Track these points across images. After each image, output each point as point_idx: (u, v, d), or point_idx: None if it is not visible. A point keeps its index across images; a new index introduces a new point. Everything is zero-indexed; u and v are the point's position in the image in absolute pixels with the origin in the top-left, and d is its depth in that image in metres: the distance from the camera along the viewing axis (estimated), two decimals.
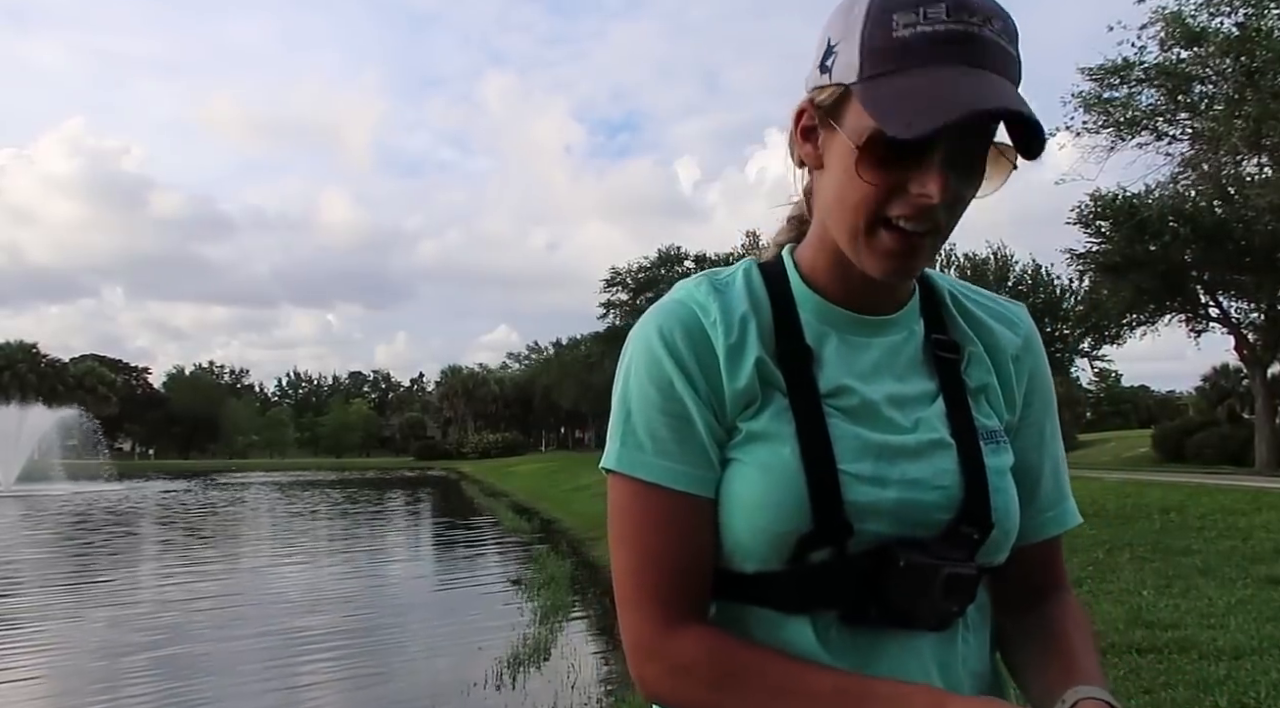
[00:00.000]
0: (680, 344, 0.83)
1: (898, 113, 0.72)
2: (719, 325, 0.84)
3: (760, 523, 0.81)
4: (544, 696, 5.85)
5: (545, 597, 9.22)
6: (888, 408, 0.85)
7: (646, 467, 0.82)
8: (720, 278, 0.89)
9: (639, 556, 0.83)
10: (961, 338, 0.91)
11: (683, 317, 0.85)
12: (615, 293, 53.50)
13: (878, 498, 0.81)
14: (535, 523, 18.47)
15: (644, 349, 0.85)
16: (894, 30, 0.74)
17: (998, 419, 0.90)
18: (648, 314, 0.87)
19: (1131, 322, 26.91)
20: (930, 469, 0.84)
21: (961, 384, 0.89)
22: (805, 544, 0.80)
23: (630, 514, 0.84)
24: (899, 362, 0.88)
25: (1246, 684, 4.23)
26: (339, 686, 6.35)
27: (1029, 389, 0.93)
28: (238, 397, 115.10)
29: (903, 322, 0.89)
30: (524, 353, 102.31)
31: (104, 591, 10.47)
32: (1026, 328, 0.94)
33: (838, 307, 0.88)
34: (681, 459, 0.82)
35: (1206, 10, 19.17)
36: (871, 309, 0.88)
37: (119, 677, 6.51)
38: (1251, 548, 8.52)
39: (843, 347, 0.87)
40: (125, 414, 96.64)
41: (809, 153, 0.84)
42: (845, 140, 0.78)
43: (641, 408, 0.83)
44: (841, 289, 0.87)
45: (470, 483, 38.75)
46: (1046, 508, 0.93)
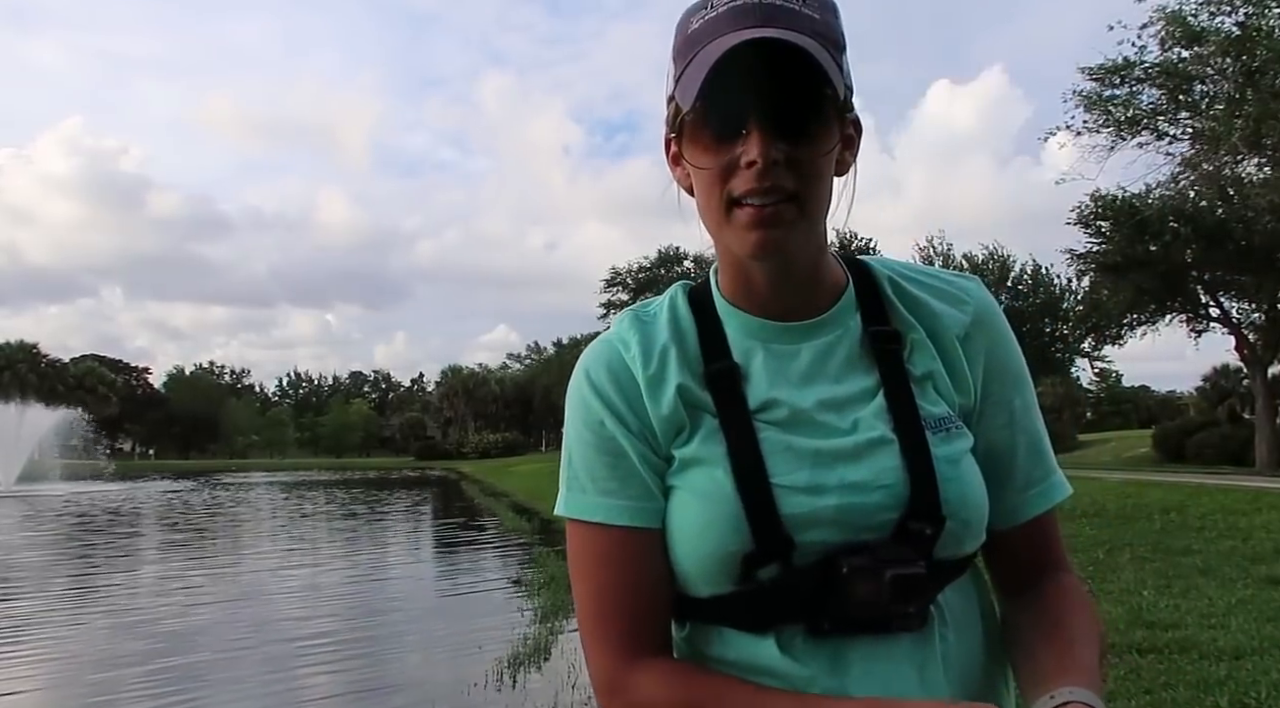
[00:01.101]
0: (605, 383, 0.85)
1: (687, 89, 0.76)
2: (638, 359, 0.85)
3: (702, 548, 0.81)
4: (544, 696, 5.84)
5: (545, 597, 9.21)
6: (821, 413, 0.84)
7: (589, 507, 0.84)
8: (648, 309, 0.91)
9: (595, 594, 0.85)
10: (902, 325, 0.88)
11: (606, 356, 0.87)
12: (615, 293, 53.53)
13: (816, 507, 0.80)
14: (535, 523, 18.47)
15: (575, 393, 0.88)
16: (689, 28, 0.80)
17: (947, 405, 0.86)
18: (580, 360, 0.90)
19: (1132, 322, 26.92)
20: (871, 470, 0.81)
21: (904, 374, 0.86)
22: (751, 563, 0.79)
23: (582, 555, 0.86)
24: (832, 363, 0.86)
25: (1247, 684, 4.23)
26: (338, 685, 6.34)
27: (988, 366, 0.89)
28: (238, 397, 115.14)
29: (834, 320, 0.87)
30: (524, 353, 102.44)
31: (107, 592, 10.46)
32: (977, 303, 0.90)
33: (759, 318, 0.87)
34: (621, 495, 0.83)
35: (1207, 10, 19.18)
36: (794, 314, 0.86)
37: (118, 678, 6.50)
38: (1252, 548, 8.51)
39: (770, 358, 0.86)
40: (125, 414, 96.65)
41: (681, 176, 0.86)
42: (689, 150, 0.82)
43: (580, 451, 0.86)
44: (756, 299, 0.87)
45: (470, 483, 38.74)
46: (1028, 486, 0.89)
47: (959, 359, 0.88)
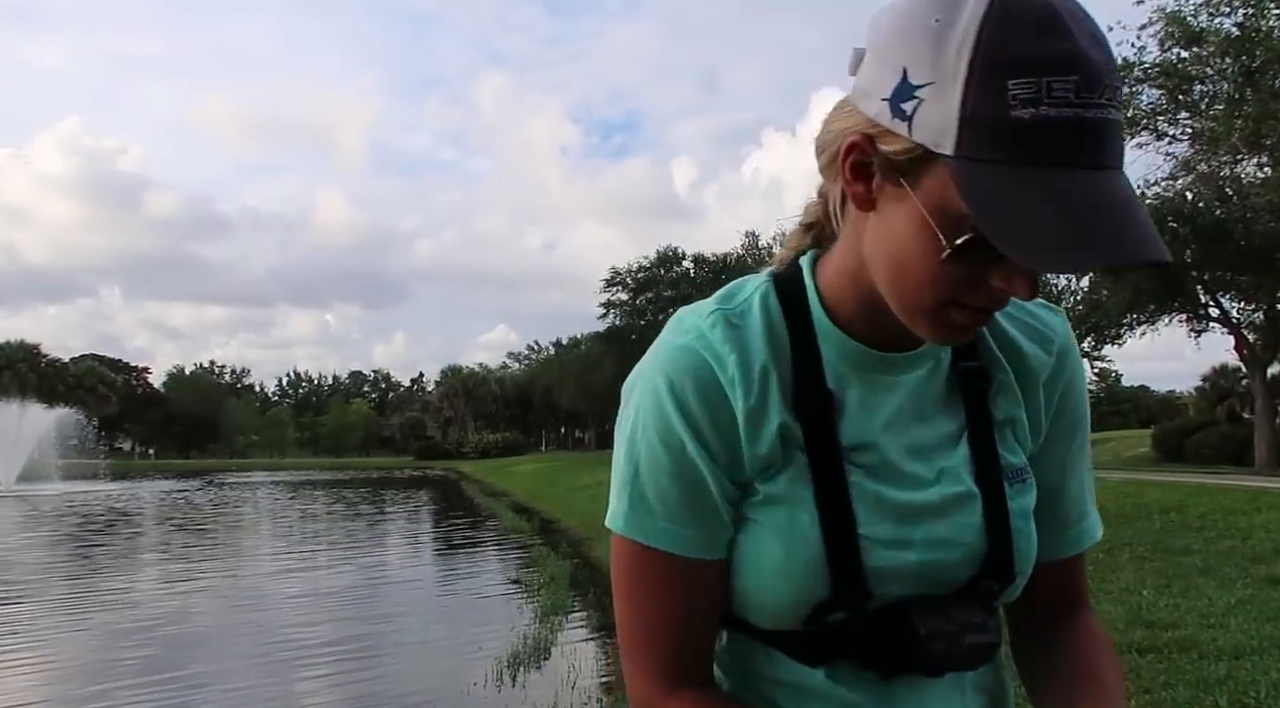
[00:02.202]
0: (693, 403, 0.75)
1: (1021, 234, 0.60)
2: (738, 384, 0.75)
3: (776, 591, 0.78)
4: (544, 695, 5.85)
5: (545, 597, 9.22)
6: (910, 460, 0.79)
7: (656, 534, 0.77)
8: (734, 307, 0.79)
9: (643, 619, 0.80)
10: (991, 362, 0.82)
11: (695, 369, 0.76)
12: (615, 293, 53.56)
13: (899, 562, 0.77)
14: (535, 523, 18.47)
15: (652, 405, 0.76)
16: (1010, 106, 0.60)
17: (1023, 453, 0.83)
18: (655, 358, 0.79)
19: (1131, 322, 26.88)
20: (953, 526, 0.79)
21: (989, 418, 0.82)
22: (822, 609, 0.77)
23: (634, 577, 0.80)
24: (924, 400, 0.81)
25: (1246, 684, 4.23)
26: (338, 685, 6.34)
27: (1059, 407, 0.85)
28: (238, 397, 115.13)
29: (929, 351, 0.80)
30: (524, 353, 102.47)
31: (110, 593, 10.46)
32: (1061, 342, 0.85)
33: (863, 345, 0.78)
34: (693, 524, 0.77)
35: (1206, 10, 19.18)
36: (893, 342, 0.79)
37: (117, 677, 6.50)
38: (1251, 548, 8.51)
39: (866, 391, 0.79)
40: (125, 414, 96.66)
41: (857, 192, 0.70)
42: (919, 210, 0.66)
43: (650, 469, 0.77)
44: (870, 326, 0.78)
45: (470, 483, 38.74)
46: (1069, 526, 0.88)
47: (1038, 404, 0.84)
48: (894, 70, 0.65)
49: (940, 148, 0.63)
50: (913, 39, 0.63)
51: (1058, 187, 0.60)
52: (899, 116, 0.65)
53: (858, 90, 0.69)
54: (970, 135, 0.61)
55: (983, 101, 0.61)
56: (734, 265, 48.36)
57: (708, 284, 49.21)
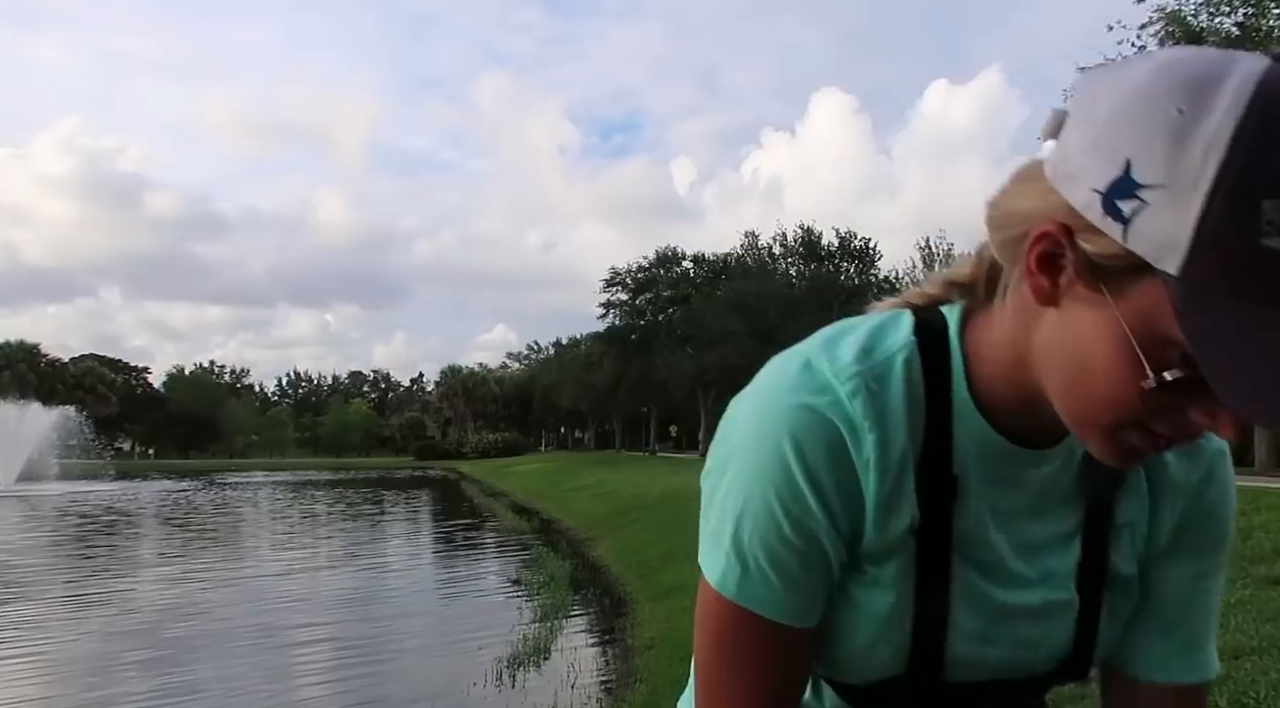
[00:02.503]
0: (824, 475, 0.68)
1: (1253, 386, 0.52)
2: (873, 469, 0.69)
3: (851, 662, 0.76)
4: (544, 695, 5.85)
5: (545, 597, 9.22)
6: (1017, 558, 0.75)
7: (762, 600, 0.72)
8: (875, 367, 0.70)
9: (731, 677, 0.75)
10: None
11: (829, 440, 0.68)
12: (615, 293, 53.56)
13: (981, 656, 0.75)
14: (535, 523, 18.48)
15: (775, 466, 0.68)
16: (1262, 232, 0.50)
17: (1134, 562, 0.78)
18: (777, 410, 0.69)
19: None
20: (1044, 629, 0.76)
21: (1109, 519, 0.76)
22: (894, 680, 0.76)
23: (731, 637, 0.74)
24: (1047, 496, 0.74)
25: (1246, 684, 4.23)
26: (338, 684, 6.34)
27: (1199, 520, 0.78)
28: (238, 396, 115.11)
29: (1064, 446, 0.73)
30: (524, 353, 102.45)
31: (109, 593, 10.46)
32: (1210, 459, 0.77)
33: (1002, 437, 0.71)
34: (802, 594, 0.72)
35: (1206, 10, 19.20)
36: (1041, 440, 0.71)
37: (116, 677, 6.50)
38: (1251, 548, 8.50)
39: (991, 482, 0.73)
40: (125, 414, 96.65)
41: (1040, 286, 0.60)
42: (1119, 326, 0.56)
43: (762, 531, 0.70)
44: (1018, 419, 0.70)
45: (470, 483, 38.75)
46: (1188, 650, 0.80)
47: (1167, 517, 0.77)
48: (1114, 159, 0.54)
49: (1161, 264, 0.53)
50: (1144, 127, 0.53)
51: None
52: (1113, 216, 0.55)
53: (1057, 168, 0.58)
54: (1204, 258, 0.51)
55: (1227, 221, 0.51)
56: (734, 265, 48.34)
57: (707, 284, 49.23)
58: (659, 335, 49.86)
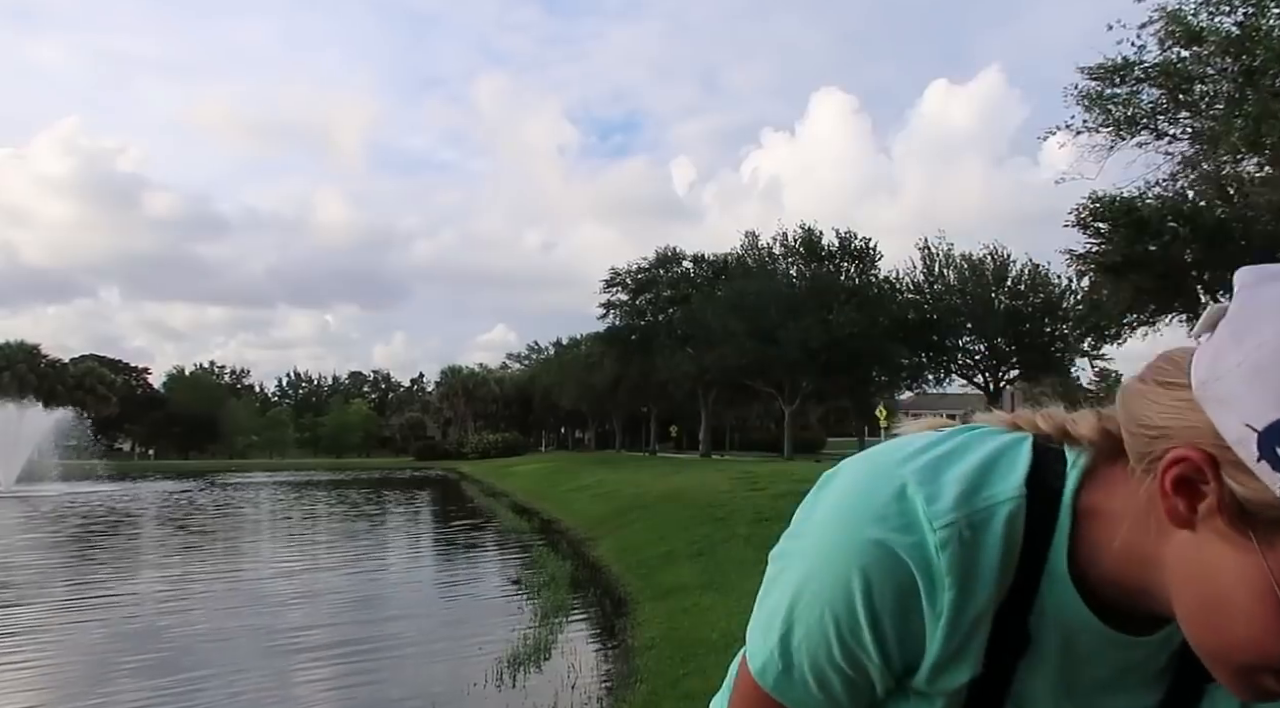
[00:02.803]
0: (886, 619, 0.65)
1: None
2: (943, 625, 0.65)
3: None
4: (544, 696, 5.84)
5: (545, 597, 9.22)
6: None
7: (796, 702, 0.72)
8: (975, 512, 0.63)
9: None
10: None
11: (901, 583, 0.64)
12: (615, 293, 53.54)
13: None
14: (535, 523, 18.47)
15: (840, 594, 0.66)
16: None
17: None
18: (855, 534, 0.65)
19: (1132, 322, 26.90)
20: None
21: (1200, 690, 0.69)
22: None
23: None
24: (1129, 675, 0.69)
25: None
26: (338, 685, 6.34)
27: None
28: (238, 397, 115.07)
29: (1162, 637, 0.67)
30: (524, 353, 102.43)
31: (109, 595, 10.46)
32: None
33: (1096, 618, 0.65)
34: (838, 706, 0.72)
35: (1206, 9, 19.18)
36: (1141, 629, 0.66)
37: (117, 680, 6.50)
38: None
39: (1067, 653, 0.67)
40: (125, 414, 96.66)
41: (1174, 508, 0.56)
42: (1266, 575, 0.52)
43: (811, 646, 0.69)
44: (1113, 603, 0.65)
45: (470, 483, 38.74)
46: None
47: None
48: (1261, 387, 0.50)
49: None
50: None
51: None
52: (1270, 462, 0.50)
53: (1208, 387, 0.54)
54: None
55: None
56: (734, 265, 48.32)
57: (707, 284, 49.20)
58: (659, 335, 49.81)
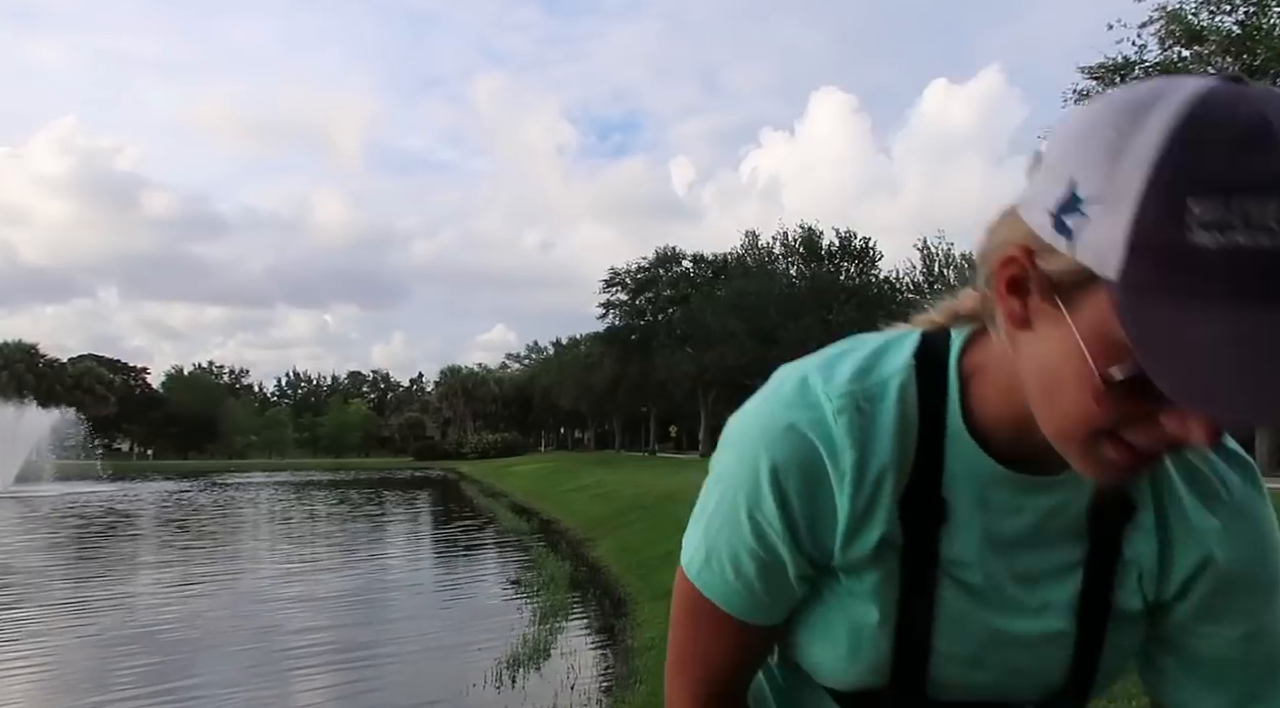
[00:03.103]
0: (794, 495, 0.72)
1: (1190, 377, 0.52)
2: (848, 483, 0.71)
3: (834, 671, 0.79)
4: (544, 696, 5.84)
5: (545, 597, 9.21)
6: (1013, 585, 0.74)
7: (720, 590, 0.78)
8: (869, 388, 0.72)
9: (690, 649, 0.83)
10: (1139, 498, 0.74)
11: (804, 461, 0.71)
12: (615, 293, 53.57)
13: (969, 679, 0.76)
14: (534, 523, 18.46)
15: (749, 482, 0.73)
16: (1188, 230, 0.52)
17: (1143, 603, 0.76)
18: (764, 426, 0.73)
19: None
20: (1039, 659, 0.76)
21: (1115, 554, 0.74)
22: (879, 693, 0.78)
23: (693, 616, 0.82)
24: (1048, 527, 0.74)
25: None
26: (337, 685, 6.33)
27: (1219, 573, 0.75)
28: (236, 397, 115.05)
29: (1070, 480, 0.72)
30: (523, 353, 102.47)
31: (108, 597, 10.45)
32: (1236, 502, 0.75)
33: (998, 464, 0.71)
34: (758, 595, 0.77)
35: (1207, 8, 19.19)
36: (1034, 465, 0.71)
37: (116, 682, 6.49)
38: None
39: (985, 510, 0.73)
40: (124, 414, 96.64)
41: (1013, 309, 0.63)
42: (1075, 337, 0.58)
43: (729, 535, 0.76)
44: (1013, 445, 0.71)
45: (469, 483, 38.73)
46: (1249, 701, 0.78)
47: (1182, 560, 0.75)
48: (1062, 181, 0.58)
49: (1104, 271, 0.55)
50: (1087, 149, 0.56)
51: (1244, 327, 0.51)
52: (1062, 232, 0.58)
53: (1025, 199, 0.62)
54: (1139, 260, 0.54)
55: (1157, 223, 0.53)
56: (734, 265, 48.33)
57: (707, 284, 49.21)
58: (659, 335, 49.85)
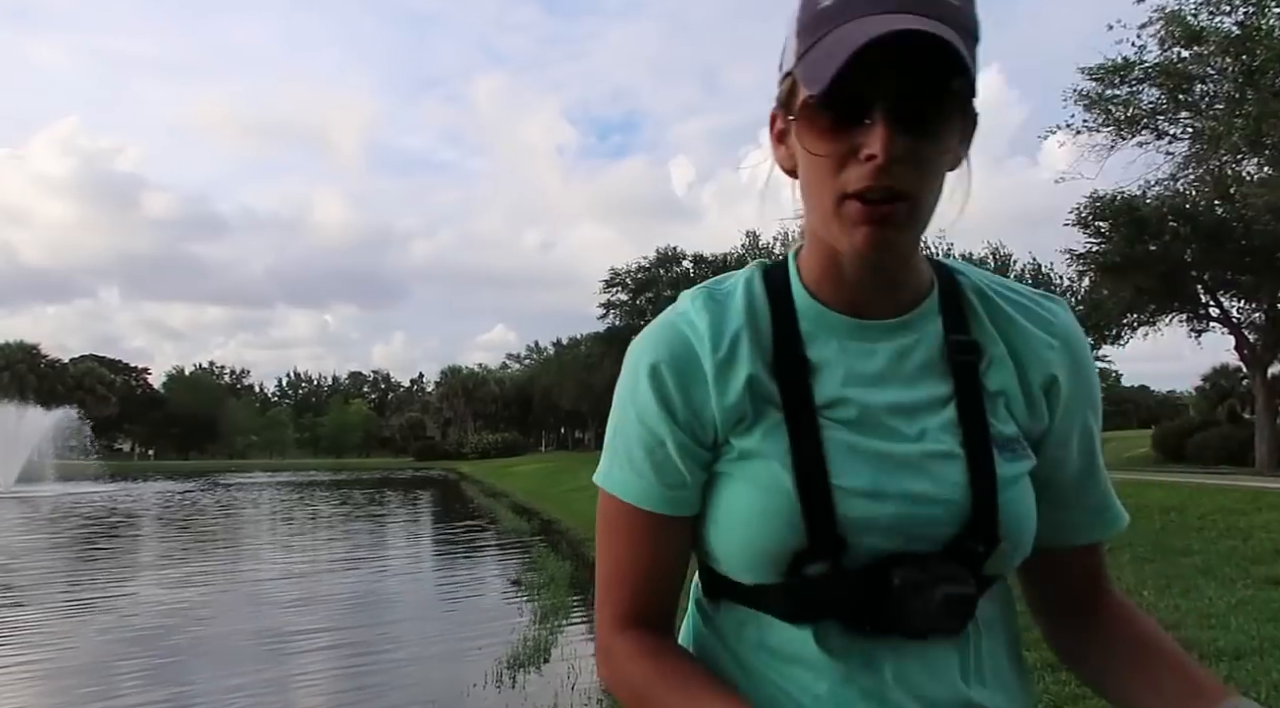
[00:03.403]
0: (664, 370, 0.82)
1: (814, 72, 0.72)
2: (707, 342, 0.82)
3: (753, 540, 0.80)
4: (544, 696, 5.84)
5: (545, 597, 9.21)
6: (890, 417, 0.81)
7: (619, 483, 0.85)
8: (721, 288, 0.87)
9: (607, 562, 0.88)
10: (984, 338, 0.85)
11: (671, 339, 0.84)
12: (615, 293, 53.49)
13: (874, 513, 0.79)
14: (535, 523, 18.46)
15: (630, 373, 0.85)
16: (819, 3, 0.75)
17: (1016, 426, 0.84)
18: (642, 333, 0.86)
19: (1132, 322, 26.85)
20: (934, 482, 0.80)
21: (979, 388, 0.83)
22: (800, 559, 0.79)
23: (607, 525, 0.88)
24: (907, 366, 0.83)
25: (1247, 685, 4.22)
26: (337, 685, 6.34)
27: (1064, 392, 0.86)
28: (237, 397, 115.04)
29: (915, 323, 0.84)
30: (524, 353, 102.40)
31: (108, 597, 10.45)
32: (1063, 327, 0.87)
33: (839, 313, 0.84)
34: (652, 479, 0.84)
35: (1206, 9, 19.16)
36: (876, 311, 0.83)
37: (113, 681, 6.50)
38: (1252, 548, 8.50)
39: (844, 355, 0.83)
40: (125, 415, 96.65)
41: (783, 156, 0.82)
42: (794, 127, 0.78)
43: (622, 429, 0.86)
44: (840, 292, 0.83)
45: (470, 483, 38.72)
46: (1087, 512, 0.90)
47: (1037, 382, 0.85)
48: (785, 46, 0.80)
49: (790, 65, 0.78)
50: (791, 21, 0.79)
51: (847, 29, 0.71)
52: (781, 74, 0.80)
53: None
54: (801, 40, 0.76)
55: (804, 13, 0.76)
56: (735, 265, 48.32)
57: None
58: None
